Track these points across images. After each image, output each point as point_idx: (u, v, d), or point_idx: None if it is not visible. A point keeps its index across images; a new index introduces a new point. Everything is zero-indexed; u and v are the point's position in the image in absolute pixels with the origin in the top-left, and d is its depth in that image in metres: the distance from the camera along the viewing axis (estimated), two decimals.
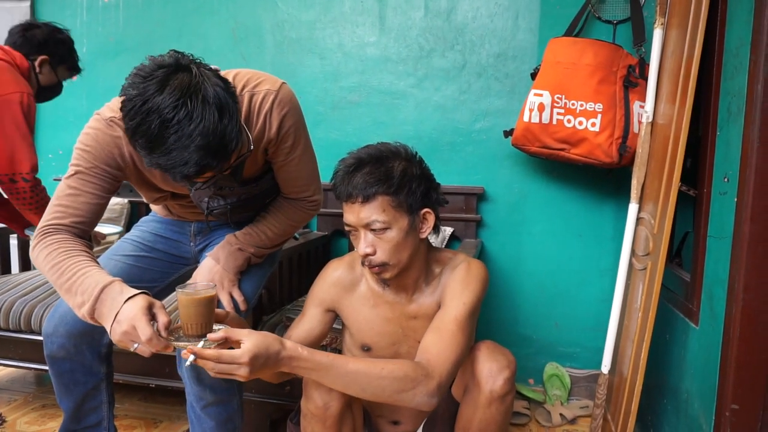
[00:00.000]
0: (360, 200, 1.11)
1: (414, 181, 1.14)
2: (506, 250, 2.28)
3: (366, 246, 1.13)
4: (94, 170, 1.15)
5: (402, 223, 1.13)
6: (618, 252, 1.79)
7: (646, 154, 1.70)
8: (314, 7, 2.38)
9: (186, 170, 0.97)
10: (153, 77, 0.95)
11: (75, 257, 1.08)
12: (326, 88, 2.39)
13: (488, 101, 2.26)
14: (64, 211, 1.14)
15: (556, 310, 2.26)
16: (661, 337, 1.67)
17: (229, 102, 0.99)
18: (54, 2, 2.63)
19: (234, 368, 0.94)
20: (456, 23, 2.26)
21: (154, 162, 0.99)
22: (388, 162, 1.13)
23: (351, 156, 1.17)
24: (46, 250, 1.09)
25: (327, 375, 1.02)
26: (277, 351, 0.98)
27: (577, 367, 2.24)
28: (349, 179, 1.12)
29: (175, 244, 1.49)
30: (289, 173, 1.32)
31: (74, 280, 1.05)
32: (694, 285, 1.48)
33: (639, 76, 1.84)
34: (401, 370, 1.04)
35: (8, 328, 1.84)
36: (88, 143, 1.16)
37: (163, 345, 0.98)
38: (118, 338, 0.99)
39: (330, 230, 2.38)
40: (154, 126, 0.94)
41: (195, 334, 1.00)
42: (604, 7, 2.10)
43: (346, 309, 1.28)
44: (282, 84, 1.21)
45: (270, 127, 1.20)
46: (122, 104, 0.98)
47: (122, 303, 0.99)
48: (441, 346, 1.10)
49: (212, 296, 1.02)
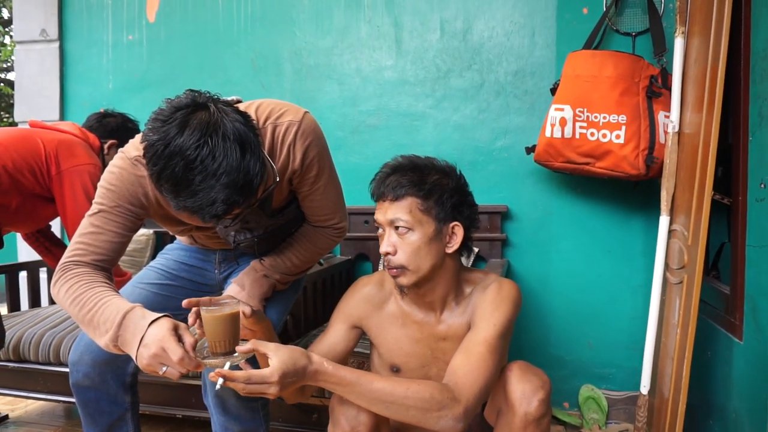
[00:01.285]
0: (390, 198, 1.12)
1: (446, 191, 1.14)
2: (533, 269, 2.23)
3: (387, 245, 1.13)
4: (117, 209, 1.15)
5: (427, 228, 1.12)
6: (649, 268, 1.73)
7: (674, 164, 1.65)
8: (331, 33, 2.42)
9: (214, 210, 0.96)
10: (172, 120, 0.95)
11: (94, 288, 1.07)
12: (345, 113, 2.41)
13: (508, 119, 2.24)
14: (86, 248, 1.13)
15: (589, 329, 2.19)
16: (703, 354, 1.60)
17: (249, 136, 0.99)
18: (82, 42, 2.73)
19: (264, 388, 0.93)
20: (472, 43, 2.27)
21: (181, 205, 0.98)
22: (425, 170, 1.15)
23: (393, 160, 1.19)
24: (66, 284, 1.09)
25: (352, 391, 1.00)
26: (304, 366, 0.97)
27: (614, 388, 2.16)
28: (384, 180, 1.15)
29: (199, 271, 1.49)
30: (314, 202, 1.31)
31: (95, 311, 1.04)
32: (734, 298, 1.41)
33: (662, 86, 1.81)
34: (427, 391, 1.01)
35: (38, 360, 1.85)
36: (112, 182, 1.15)
37: (194, 364, 0.96)
38: (147, 362, 0.97)
39: (353, 254, 2.36)
40: (178, 169, 0.93)
41: (222, 351, 0.99)
42: (622, 20, 2.08)
43: (374, 327, 1.25)
44: (305, 114, 1.21)
45: (294, 158, 1.19)
46: (144, 150, 0.98)
47: (146, 327, 0.98)
48: (469, 369, 1.06)
49: (236, 312, 1.01)
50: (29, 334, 1.86)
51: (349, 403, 1.06)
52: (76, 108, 2.73)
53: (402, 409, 1.00)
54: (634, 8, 2.08)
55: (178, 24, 2.59)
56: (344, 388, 1.00)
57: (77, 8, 2.72)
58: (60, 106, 2.73)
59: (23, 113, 2.77)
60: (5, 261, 2.22)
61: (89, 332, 1.06)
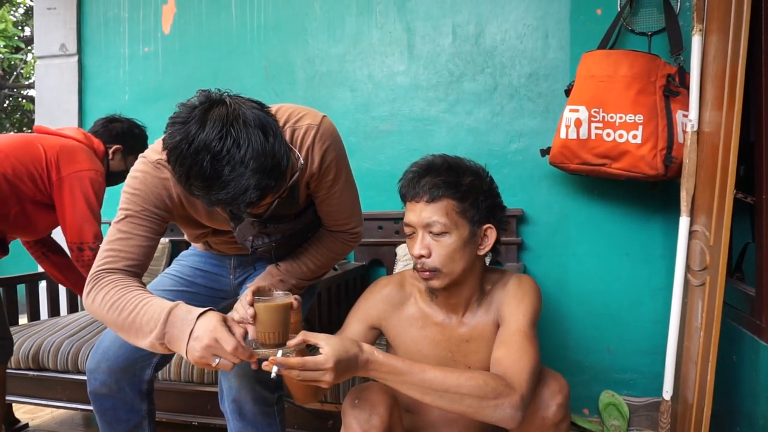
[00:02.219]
0: (425, 200, 1.10)
1: (481, 194, 1.13)
2: (551, 272, 2.20)
3: (421, 247, 1.11)
4: (144, 213, 1.15)
5: (462, 231, 1.11)
6: (669, 270, 1.70)
7: (693, 164, 1.62)
8: (343, 41, 2.43)
9: (248, 197, 0.95)
10: (191, 118, 0.95)
11: (132, 292, 1.07)
12: (358, 119, 2.41)
13: (522, 122, 2.22)
14: (117, 255, 1.12)
15: (608, 333, 2.15)
16: (728, 357, 1.55)
17: (269, 120, 0.99)
18: (99, 56, 2.78)
19: (319, 374, 0.92)
20: (485, 47, 2.26)
21: (215, 199, 0.97)
22: (459, 170, 1.13)
23: (423, 160, 1.17)
24: (101, 292, 1.08)
25: (403, 381, 0.97)
26: (356, 354, 0.96)
27: (635, 394, 2.11)
28: (417, 180, 1.12)
29: (215, 277, 1.49)
30: (331, 206, 1.30)
31: (136, 312, 1.03)
32: (760, 299, 1.37)
33: (680, 85, 1.77)
34: (481, 378, 0.97)
35: (56, 368, 1.87)
36: (136, 187, 1.15)
37: (247, 354, 0.96)
38: (199, 355, 0.96)
39: (367, 260, 2.36)
40: (206, 163, 0.93)
41: (274, 342, 0.99)
42: (637, 20, 2.06)
43: (394, 328, 1.24)
44: (323, 117, 1.20)
45: (312, 161, 1.19)
46: (168, 154, 0.97)
47: (194, 320, 0.98)
48: (513, 358, 1.04)
49: (289, 303, 1.02)
50: (48, 342, 1.88)
51: (361, 407, 1.05)
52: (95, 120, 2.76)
53: (456, 398, 0.96)
54: (649, 7, 2.05)
55: (193, 35, 2.63)
56: (395, 378, 0.97)
57: (95, 23, 2.78)
58: (79, 119, 2.78)
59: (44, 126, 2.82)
60: (25, 271, 2.25)
61: (130, 336, 1.06)
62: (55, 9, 2.80)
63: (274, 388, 1.33)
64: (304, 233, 1.39)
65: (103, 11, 2.77)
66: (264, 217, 1.15)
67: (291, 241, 1.37)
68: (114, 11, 2.75)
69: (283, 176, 1.00)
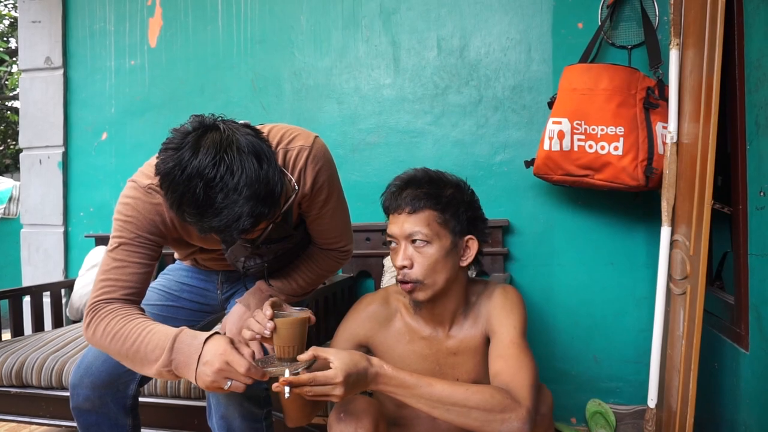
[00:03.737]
0: (407, 211, 1.12)
1: (462, 205, 1.15)
2: (536, 282, 2.22)
3: (404, 258, 1.12)
4: (138, 240, 1.14)
5: (444, 242, 1.12)
6: (653, 279, 1.72)
7: (674, 174, 1.65)
8: (330, 54, 2.45)
9: (241, 225, 0.95)
10: (184, 144, 0.95)
11: (133, 321, 1.06)
12: (345, 131, 2.42)
13: (507, 133, 2.25)
14: (113, 284, 1.12)
15: (594, 342, 2.17)
16: (709, 365, 1.58)
17: (263, 147, 0.99)
18: (85, 69, 2.77)
19: (329, 389, 0.93)
20: (469, 60, 2.29)
21: (207, 226, 0.96)
22: (440, 183, 1.15)
23: (405, 173, 1.19)
24: (102, 324, 1.07)
25: (412, 394, 0.98)
26: (365, 367, 0.97)
27: (622, 402, 2.13)
28: (399, 193, 1.15)
29: (201, 291, 1.49)
30: (322, 225, 1.31)
31: (140, 341, 1.02)
32: (739, 307, 1.40)
33: (659, 97, 1.81)
34: (486, 392, 0.99)
35: (40, 385, 1.84)
36: (128, 213, 1.14)
37: (260, 374, 0.96)
38: (211, 379, 0.96)
39: (356, 272, 2.36)
40: (199, 190, 0.92)
41: (290, 356, 1.00)
42: (617, 33, 2.10)
43: (380, 345, 1.25)
44: (315, 138, 1.21)
45: (305, 182, 1.20)
46: (161, 180, 0.97)
47: (201, 345, 0.98)
48: (513, 371, 1.06)
49: (306, 318, 1.03)
50: (32, 359, 1.86)
51: (347, 421, 1.05)
52: (80, 133, 2.76)
53: (464, 411, 0.97)
54: (628, 22, 2.10)
55: (179, 48, 2.63)
56: (405, 391, 0.98)
57: (81, 36, 2.77)
58: (64, 132, 2.76)
59: (28, 139, 2.80)
60: (9, 286, 2.22)
61: (135, 365, 1.05)
62: (40, 22, 2.79)
63: (263, 404, 1.33)
64: (295, 251, 1.40)
65: (88, 24, 2.76)
66: (257, 242, 1.16)
67: (282, 260, 1.37)
68: (100, 24, 2.74)
69: (277, 203, 1.01)
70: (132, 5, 2.70)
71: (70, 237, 2.78)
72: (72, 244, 2.78)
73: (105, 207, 2.72)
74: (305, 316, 1.03)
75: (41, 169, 2.79)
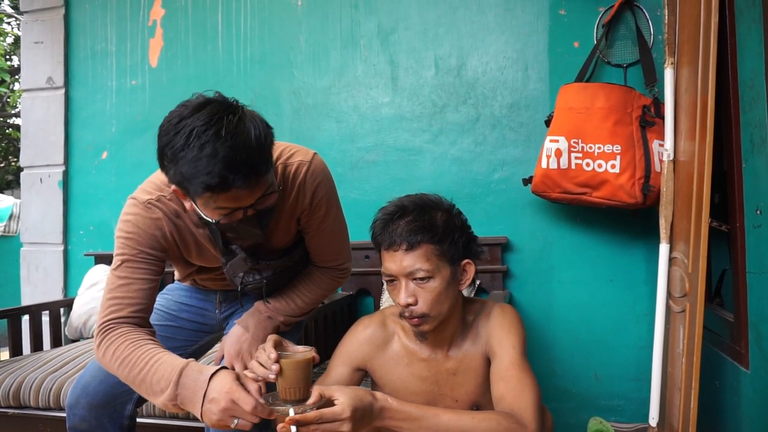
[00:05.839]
0: (404, 248, 1.08)
1: (456, 231, 1.13)
2: (536, 299, 2.22)
3: (407, 296, 1.09)
4: (141, 255, 1.13)
5: (444, 273, 1.11)
6: (653, 295, 1.72)
7: (671, 192, 1.66)
8: (328, 73, 2.47)
9: (209, 180, 0.93)
10: (191, 103, 0.99)
11: (142, 347, 1.05)
12: (344, 149, 2.44)
13: (505, 151, 2.27)
14: (120, 302, 1.11)
15: (594, 360, 2.16)
16: (711, 383, 1.57)
17: (266, 132, 1.00)
18: (86, 88, 2.79)
19: (337, 425, 0.91)
20: (467, 78, 2.31)
21: (178, 172, 0.96)
22: (431, 211, 1.12)
23: (392, 204, 1.15)
24: (111, 347, 1.07)
25: (420, 426, 0.97)
26: (371, 402, 0.95)
27: (623, 420, 2.11)
28: (392, 227, 1.10)
29: (199, 311, 1.49)
30: (321, 241, 1.32)
31: (147, 370, 1.01)
32: (738, 325, 1.40)
33: (655, 115, 1.83)
34: (493, 418, 0.98)
35: (38, 405, 1.83)
36: (130, 230, 1.14)
37: (267, 412, 0.94)
38: (217, 417, 0.94)
39: (355, 290, 2.36)
40: (183, 136, 0.94)
41: (296, 398, 0.97)
42: (613, 52, 2.13)
43: (379, 369, 1.24)
44: (314, 155, 1.22)
45: (303, 197, 1.20)
46: (159, 128, 0.99)
47: (207, 381, 0.96)
48: (515, 393, 1.06)
49: (311, 358, 1.00)
50: (30, 379, 1.85)
51: None
52: (81, 152, 2.78)
53: None
54: (624, 41, 2.12)
55: (180, 68, 2.66)
56: (411, 424, 0.97)
57: (83, 56, 2.80)
58: (65, 151, 2.78)
59: (29, 158, 2.82)
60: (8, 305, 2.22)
61: (142, 392, 1.04)
62: (43, 43, 2.82)
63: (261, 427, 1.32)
64: (293, 270, 1.39)
65: (90, 45, 2.79)
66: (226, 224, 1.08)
67: (281, 278, 1.37)
68: (101, 45, 2.77)
69: (255, 181, 0.99)
70: (133, 26, 2.73)
71: (69, 255, 2.78)
72: (71, 262, 2.78)
73: (105, 226, 2.72)
74: (310, 356, 0.99)
75: (42, 187, 2.80)
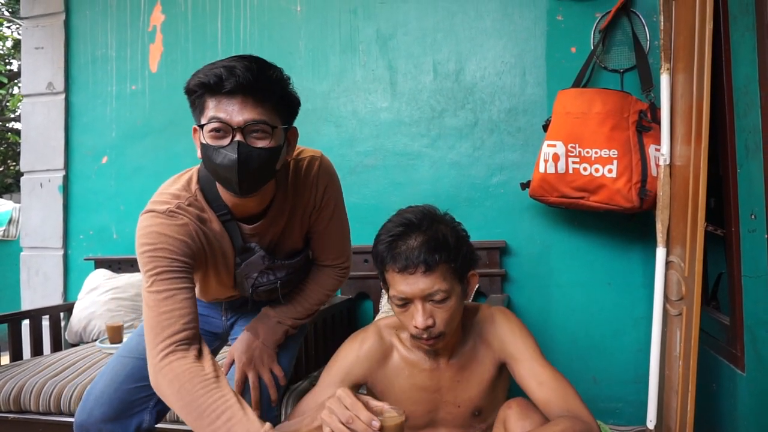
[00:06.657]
0: (422, 270, 1.04)
1: (464, 244, 1.10)
2: (534, 303, 2.23)
3: (426, 318, 1.05)
4: (175, 264, 1.07)
5: (457, 290, 1.09)
6: (650, 298, 1.73)
7: (667, 196, 1.67)
8: (327, 78, 2.49)
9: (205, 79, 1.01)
10: None
11: (210, 393, 0.97)
12: (343, 154, 2.45)
13: (503, 155, 2.28)
14: (170, 315, 1.03)
15: (593, 363, 2.17)
16: (708, 386, 1.58)
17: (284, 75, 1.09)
18: (87, 94, 2.81)
19: None
20: (465, 83, 2.33)
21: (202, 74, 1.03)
22: (437, 225, 1.09)
23: (393, 222, 1.11)
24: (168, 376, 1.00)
25: None
26: None
27: (621, 423, 2.12)
28: (402, 247, 1.05)
29: (206, 319, 1.47)
30: (327, 240, 1.33)
31: (218, 426, 0.94)
32: (734, 329, 1.41)
33: (651, 120, 1.85)
34: (569, 425, 0.99)
35: (38, 410, 1.84)
36: (157, 241, 1.07)
37: None
38: None
39: (354, 293, 2.37)
40: (217, 68, 1.01)
41: None
42: (610, 58, 2.15)
43: (380, 383, 1.23)
44: (322, 154, 1.27)
45: (317, 191, 1.23)
46: None
47: None
48: (560, 394, 1.07)
49: (402, 422, 0.91)
50: (30, 383, 1.85)
51: None
52: (81, 157, 2.79)
53: None
54: (620, 46, 2.14)
55: (180, 73, 2.67)
56: None
57: (83, 62, 2.82)
58: (65, 156, 2.79)
59: (29, 163, 2.83)
60: (7, 309, 2.23)
61: None
62: (43, 48, 2.84)
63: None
64: (303, 272, 1.41)
65: (90, 50, 2.81)
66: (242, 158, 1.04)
67: (293, 280, 1.37)
68: (102, 50, 2.79)
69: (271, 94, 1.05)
70: (133, 32, 2.75)
71: (69, 260, 2.79)
72: (71, 267, 2.79)
73: (104, 230, 2.73)
74: (403, 419, 0.91)
75: (42, 192, 2.81)
